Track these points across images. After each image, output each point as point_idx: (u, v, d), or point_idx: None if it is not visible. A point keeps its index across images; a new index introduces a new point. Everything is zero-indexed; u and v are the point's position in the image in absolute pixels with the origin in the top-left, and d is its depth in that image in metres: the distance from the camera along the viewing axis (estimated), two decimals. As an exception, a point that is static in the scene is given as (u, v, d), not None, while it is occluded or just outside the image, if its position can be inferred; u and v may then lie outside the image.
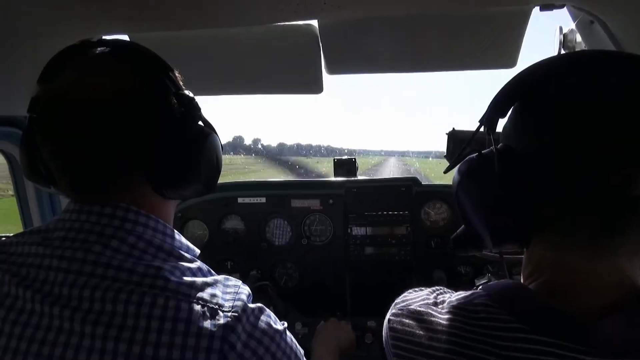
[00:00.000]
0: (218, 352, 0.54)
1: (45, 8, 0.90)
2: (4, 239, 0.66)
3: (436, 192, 1.82)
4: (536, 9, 1.03)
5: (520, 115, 0.54)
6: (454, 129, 1.48)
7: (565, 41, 1.15)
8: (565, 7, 1.00)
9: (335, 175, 1.94)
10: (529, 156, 0.50)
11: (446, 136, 1.49)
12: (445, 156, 1.50)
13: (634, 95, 0.45)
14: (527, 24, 1.09)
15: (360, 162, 2.04)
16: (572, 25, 1.11)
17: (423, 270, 1.79)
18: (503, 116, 0.56)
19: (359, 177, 1.92)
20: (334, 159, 1.94)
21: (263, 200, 1.84)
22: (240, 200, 1.85)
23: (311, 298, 1.84)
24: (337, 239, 1.83)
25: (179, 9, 0.97)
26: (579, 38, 1.13)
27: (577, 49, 1.15)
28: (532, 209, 0.50)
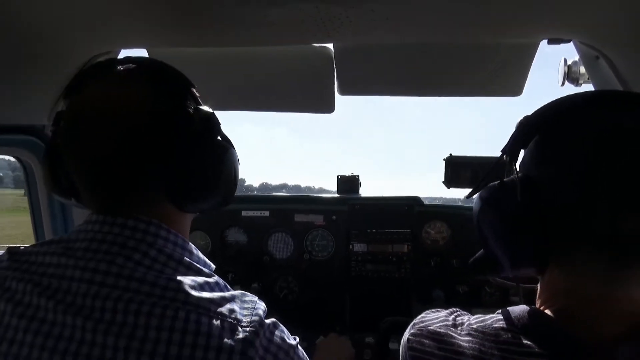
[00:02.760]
0: None
1: (67, 22, 0.92)
2: (22, 248, 0.65)
3: (437, 212, 1.85)
4: (543, 42, 1.07)
5: (540, 148, 0.57)
6: (451, 154, 1.52)
7: (569, 72, 1.20)
8: (571, 42, 1.04)
9: (339, 191, 1.97)
10: (547, 186, 0.53)
11: (444, 162, 1.54)
12: (443, 181, 1.54)
13: None
14: (534, 55, 1.13)
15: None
16: (577, 58, 1.16)
17: (422, 289, 1.81)
18: (524, 147, 0.59)
19: (362, 195, 1.94)
20: (337, 176, 1.97)
21: (267, 214, 1.86)
22: (244, 213, 1.87)
23: (311, 312, 1.85)
24: (339, 254, 1.84)
25: (199, 27, 0.99)
26: (582, 70, 1.17)
27: (580, 81, 1.19)
28: (550, 236, 0.53)
